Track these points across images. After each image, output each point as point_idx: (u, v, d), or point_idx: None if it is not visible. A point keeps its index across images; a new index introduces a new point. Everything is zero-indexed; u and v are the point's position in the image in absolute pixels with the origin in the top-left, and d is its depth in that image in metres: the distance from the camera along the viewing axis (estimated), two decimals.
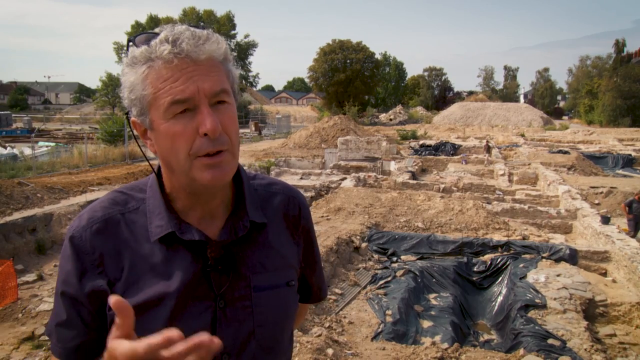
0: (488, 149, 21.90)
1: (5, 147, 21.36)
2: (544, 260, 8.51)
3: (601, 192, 14.72)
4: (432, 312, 7.00)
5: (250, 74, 54.84)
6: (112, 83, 52.64)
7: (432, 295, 7.58)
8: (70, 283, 1.00)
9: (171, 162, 0.96)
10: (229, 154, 0.96)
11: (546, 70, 76.72)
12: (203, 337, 0.74)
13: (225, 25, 49.91)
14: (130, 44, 0.96)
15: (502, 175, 17.75)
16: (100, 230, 1.01)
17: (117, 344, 0.75)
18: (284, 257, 1.12)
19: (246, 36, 52.96)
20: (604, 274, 8.67)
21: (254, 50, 53.63)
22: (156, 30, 0.96)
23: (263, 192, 1.15)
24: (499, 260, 8.48)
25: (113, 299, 0.74)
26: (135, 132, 1.02)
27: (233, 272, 1.02)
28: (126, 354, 0.73)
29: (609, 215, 11.17)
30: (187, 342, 0.73)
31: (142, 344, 0.73)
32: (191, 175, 0.95)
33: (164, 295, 0.98)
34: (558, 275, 7.83)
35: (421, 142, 28.67)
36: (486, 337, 6.93)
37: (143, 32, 0.97)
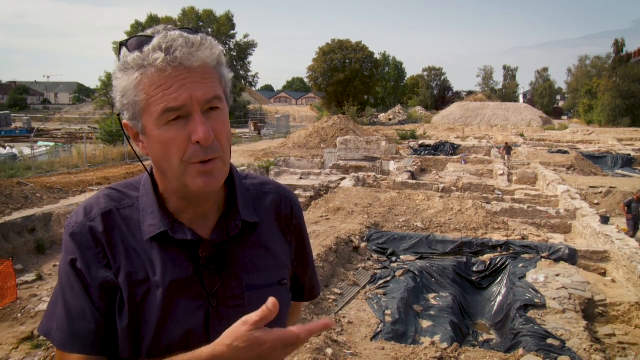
0: (509, 151, 20.99)
1: (4, 147, 21.32)
2: (543, 260, 8.51)
3: (600, 192, 14.74)
4: (432, 312, 7.00)
5: (249, 73, 54.70)
6: (111, 83, 52.31)
7: (431, 295, 7.58)
8: (79, 277, 1.00)
9: (164, 168, 0.97)
10: (220, 162, 0.97)
11: (545, 70, 76.60)
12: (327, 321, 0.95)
13: (224, 25, 49.84)
14: (123, 47, 0.96)
15: (502, 175, 17.75)
16: (99, 224, 1.02)
17: (265, 334, 0.87)
18: (276, 256, 1.13)
19: (245, 36, 52.84)
20: (603, 274, 8.68)
21: (254, 50, 53.50)
22: (148, 32, 0.96)
23: (255, 191, 1.16)
24: (498, 260, 8.48)
25: (271, 300, 0.87)
26: (127, 134, 1.03)
27: (225, 272, 1.03)
28: (283, 339, 0.88)
29: (608, 215, 11.18)
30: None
31: (299, 329, 0.89)
32: (184, 181, 0.96)
33: (156, 293, 0.99)
34: (557, 275, 7.83)
35: (420, 142, 28.67)
36: (485, 337, 6.93)
37: (135, 35, 0.96)
